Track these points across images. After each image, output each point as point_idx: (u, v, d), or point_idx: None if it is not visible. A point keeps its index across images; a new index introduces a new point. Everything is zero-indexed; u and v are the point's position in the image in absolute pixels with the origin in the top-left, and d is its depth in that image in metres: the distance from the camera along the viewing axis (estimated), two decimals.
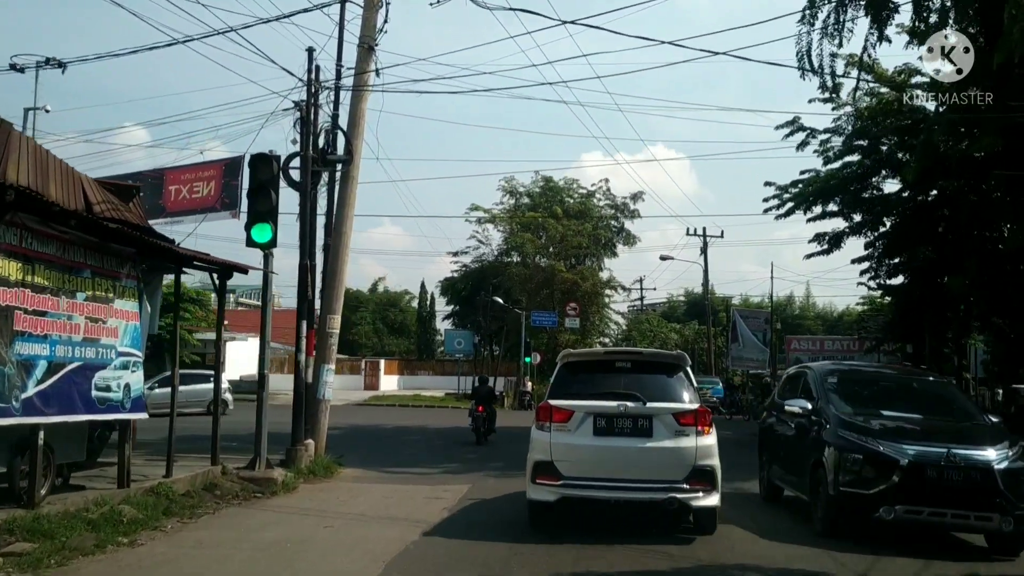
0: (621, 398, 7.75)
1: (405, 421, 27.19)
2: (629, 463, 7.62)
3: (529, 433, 8.38)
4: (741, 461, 13.32)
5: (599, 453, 7.69)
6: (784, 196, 29.34)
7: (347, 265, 14.28)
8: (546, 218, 49.87)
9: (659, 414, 7.64)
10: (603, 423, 7.69)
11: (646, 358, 8.80)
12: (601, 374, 8.39)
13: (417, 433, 23.00)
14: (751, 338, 40.97)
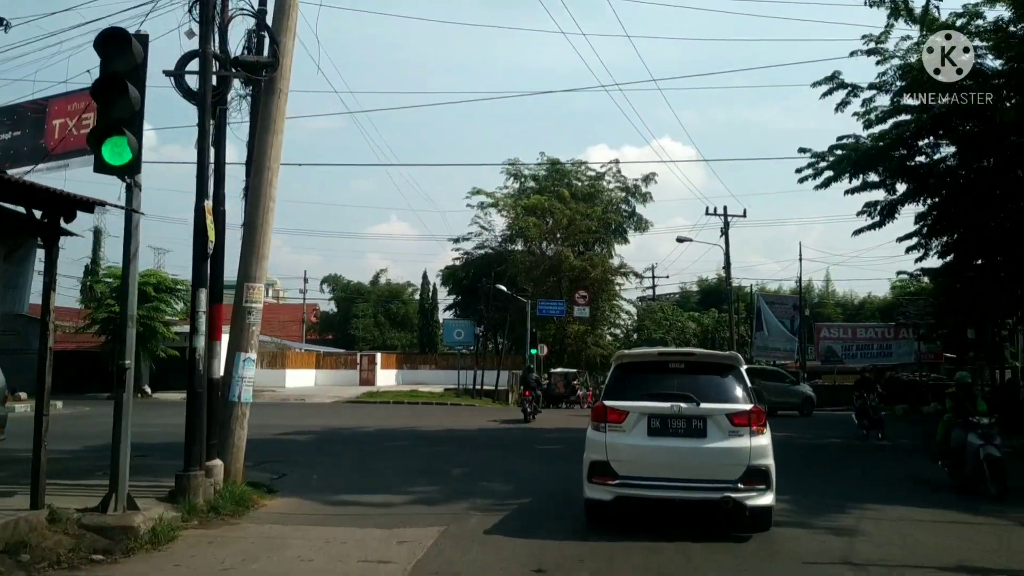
0: (675, 399, 7.64)
1: (393, 421, 22.91)
2: (684, 463, 7.54)
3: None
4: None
5: (654, 453, 7.61)
6: (819, 165, 25.23)
7: (273, 214, 9.94)
8: (552, 201, 45.51)
9: (713, 415, 7.55)
10: (657, 423, 7.65)
11: (699, 359, 8.53)
12: (655, 375, 8.26)
13: (402, 437, 18.71)
14: (777, 326, 36.54)
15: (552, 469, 13.39)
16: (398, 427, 21.15)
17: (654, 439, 7.58)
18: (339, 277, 71.62)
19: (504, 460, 14.65)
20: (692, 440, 7.50)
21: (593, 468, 7.74)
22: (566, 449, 16.73)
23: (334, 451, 15.65)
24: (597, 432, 7.84)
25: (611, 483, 7.58)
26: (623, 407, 7.74)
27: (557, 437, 19.12)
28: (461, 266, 48.05)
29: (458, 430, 20.53)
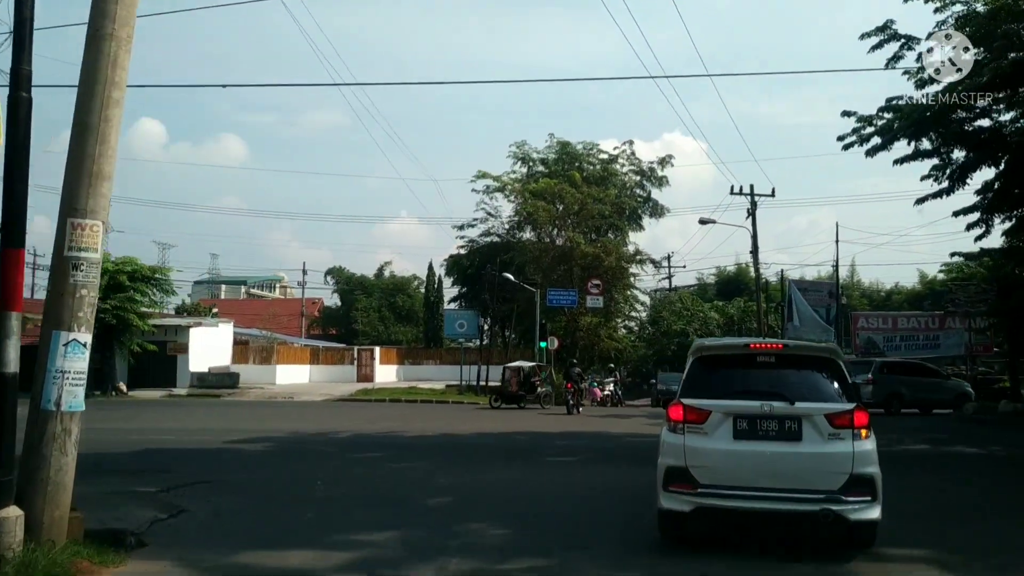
0: (765, 397, 6.63)
1: (378, 424, 19.14)
2: (776, 470, 6.52)
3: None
4: None
5: (740, 459, 6.57)
6: (866, 131, 21.72)
7: (120, 110, 6.12)
8: (562, 185, 41.58)
9: (810, 415, 6.57)
10: (744, 425, 6.62)
11: (793, 351, 7.30)
12: (741, 369, 7.13)
13: (379, 446, 14.92)
14: (811, 315, 32.55)
15: (571, 492, 9.78)
16: (380, 432, 17.36)
17: (741, 443, 6.65)
18: (343, 269, 67.86)
19: (504, 479, 10.84)
20: (785, 444, 6.59)
21: (669, 475, 6.76)
22: (583, 460, 12.91)
23: (278, 469, 11.85)
24: (674, 434, 6.87)
25: (690, 492, 6.63)
26: (704, 406, 6.78)
27: (569, 445, 15.29)
28: (466, 255, 44.19)
29: (452, 435, 16.75)
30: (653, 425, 19.58)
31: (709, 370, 7.21)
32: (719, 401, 6.78)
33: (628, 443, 15.69)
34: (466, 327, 35.67)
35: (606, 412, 25.51)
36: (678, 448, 6.71)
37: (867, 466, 6.51)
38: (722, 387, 6.97)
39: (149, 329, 32.49)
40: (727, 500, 6.57)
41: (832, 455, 6.50)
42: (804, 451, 6.55)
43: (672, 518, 6.83)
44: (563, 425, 19.16)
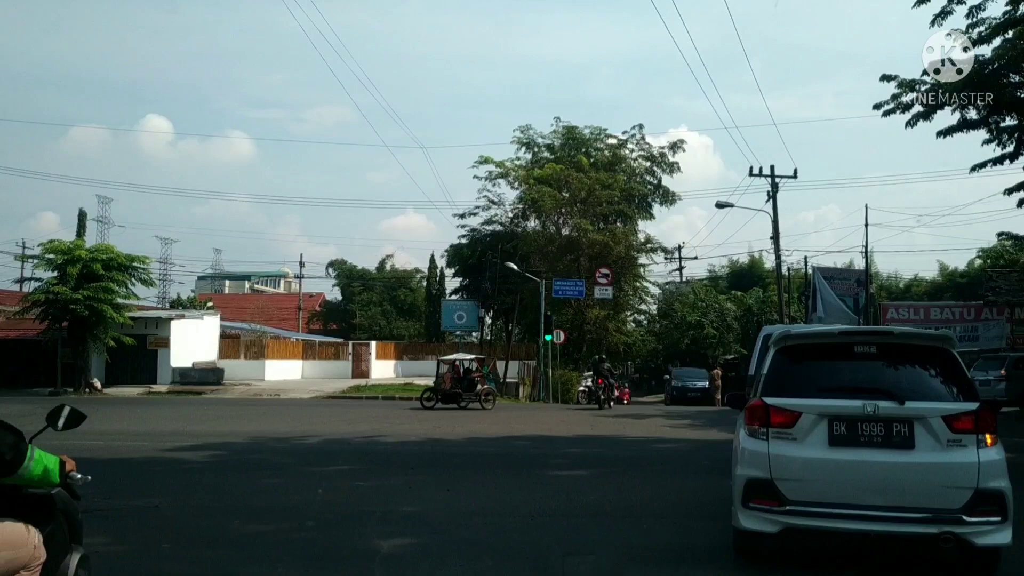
0: (867, 395, 5.47)
1: (358, 426, 16.47)
2: (882, 484, 5.36)
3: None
4: None
5: (838, 470, 5.42)
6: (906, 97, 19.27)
7: None
8: (569, 171, 38.80)
9: (923, 417, 5.41)
10: (843, 429, 5.47)
11: (899, 339, 5.99)
12: (836, 362, 5.94)
13: (346, 456, 12.22)
14: (837, 304, 29.69)
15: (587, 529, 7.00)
16: (358, 435, 14.66)
17: (838, 450, 5.42)
18: (345, 262, 65.12)
19: (496, 503, 8.14)
20: (894, 452, 5.38)
21: (751, 489, 5.50)
22: (597, 474, 10.16)
23: (206, 490, 9.15)
24: (755, 440, 5.60)
25: (777, 510, 5.39)
26: (792, 406, 5.53)
27: (579, 454, 12.56)
28: (467, 244, 41.42)
29: (441, 440, 14.05)
30: (674, 427, 16.79)
31: (796, 363, 5.96)
32: (811, 400, 5.60)
33: (652, 451, 12.96)
34: (465, 319, 32.89)
35: (617, 412, 22.73)
36: (761, 457, 5.57)
37: (995, 479, 5.44)
38: (813, 383, 5.78)
39: (126, 322, 29.88)
40: (822, 520, 5.47)
41: (953, 466, 5.42)
42: (918, 461, 5.47)
43: (752, 539, 5.72)
44: (570, 427, 16.43)
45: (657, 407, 28.10)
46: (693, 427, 16.83)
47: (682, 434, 15.35)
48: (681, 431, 15.94)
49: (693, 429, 16.39)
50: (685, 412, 22.14)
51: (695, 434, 15.42)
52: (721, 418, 19.93)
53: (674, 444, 13.57)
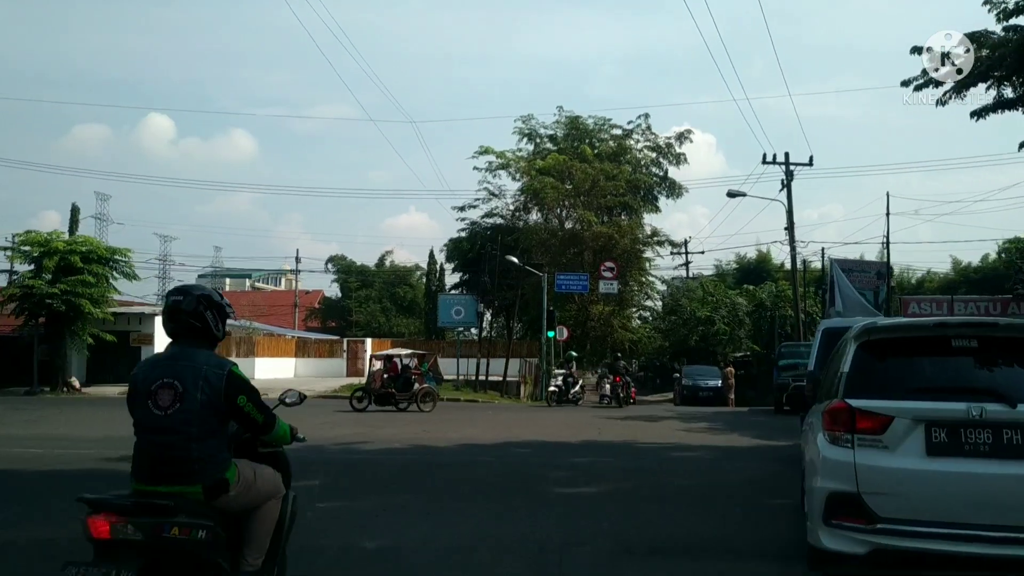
0: (971, 396, 4.68)
1: (337, 431, 14.67)
2: (991, 500, 4.56)
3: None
4: None
5: (939, 483, 4.60)
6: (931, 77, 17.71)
7: None
8: (572, 162, 37.05)
9: None
10: (943, 436, 4.67)
11: (1005, 332, 5.16)
12: (931, 358, 5.12)
13: (322, 465, 10.41)
14: (856, 298, 27.80)
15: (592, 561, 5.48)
16: (335, 442, 12.84)
17: (938, 460, 4.63)
18: (344, 258, 63.32)
19: (480, 542, 6.30)
20: (1005, 463, 4.59)
21: (834, 504, 4.72)
22: (612, 495, 8.31)
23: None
24: (838, 447, 4.82)
25: (866, 528, 4.60)
26: (882, 409, 4.75)
27: (588, 464, 10.75)
28: (467, 237, 39.69)
29: (429, 447, 12.28)
30: (691, 431, 14.97)
31: (883, 359, 5.20)
32: (904, 403, 4.82)
33: (672, 462, 11.15)
34: (463, 314, 31.02)
35: (626, 414, 20.95)
36: (846, 467, 4.77)
37: None
38: (904, 383, 5.06)
39: (106, 317, 28.13)
40: (919, 541, 4.64)
41: None
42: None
43: (834, 561, 4.87)
44: (575, 432, 14.64)
45: (666, 407, 26.28)
46: (712, 431, 15.04)
47: (701, 439, 13.57)
48: (699, 436, 14.16)
49: (713, 434, 14.61)
50: (699, 413, 20.36)
51: (716, 439, 13.64)
52: (739, 420, 18.15)
53: (695, 452, 11.79)
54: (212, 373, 3.40)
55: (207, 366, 3.42)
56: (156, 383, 3.38)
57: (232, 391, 3.43)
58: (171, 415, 3.33)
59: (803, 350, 19.14)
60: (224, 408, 3.42)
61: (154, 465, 3.34)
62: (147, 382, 3.40)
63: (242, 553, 3.52)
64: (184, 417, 3.32)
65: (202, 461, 3.35)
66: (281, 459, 4.01)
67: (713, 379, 29.82)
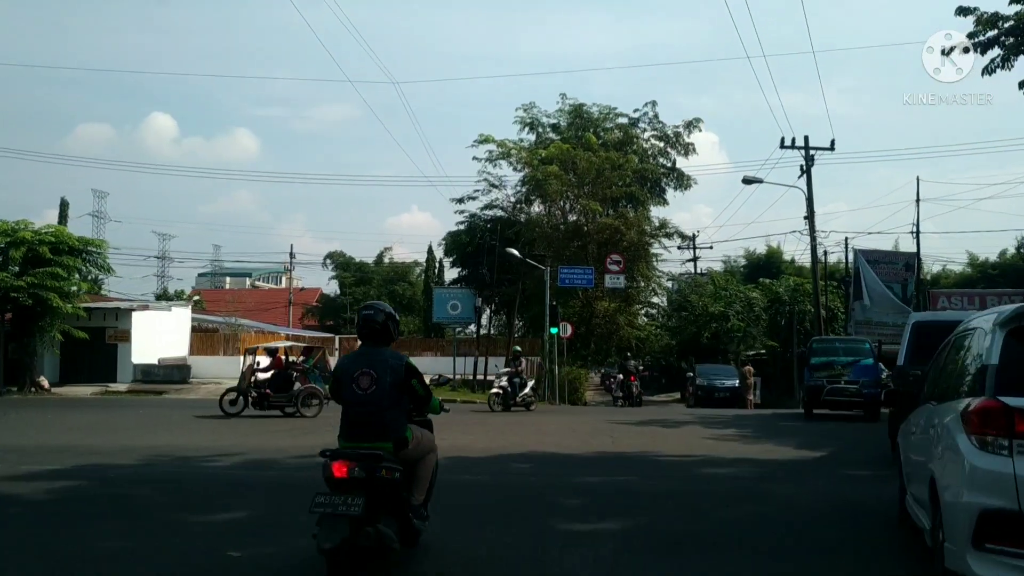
0: None
1: (303, 440, 12.42)
2: None
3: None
4: None
5: None
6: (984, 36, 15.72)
7: None
8: (577, 151, 34.74)
9: None
10: None
11: None
12: None
13: (263, 490, 8.19)
14: (883, 293, 25.61)
15: None
16: (293, 454, 10.57)
17: None
18: (343, 254, 61.12)
19: None
20: None
21: (989, 524, 3.81)
22: (634, 532, 5.86)
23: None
24: (991, 455, 3.94)
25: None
26: None
27: (598, 486, 8.46)
28: (466, 230, 37.38)
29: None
30: (718, 439, 12.69)
31: None
32: None
33: (706, 481, 8.87)
34: (460, 309, 28.69)
35: (640, 417, 18.71)
36: (1004, 480, 3.80)
37: None
38: None
39: (77, 312, 25.96)
40: None
41: None
42: None
43: None
44: (584, 440, 12.39)
45: (681, 410, 23.99)
46: (743, 439, 12.78)
47: (733, 450, 11.31)
48: (730, 445, 11.89)
49: (744, 442, 12.34)
50: (720, 417, 18.03)
51: (751, 450, 11.37)
52: (769, 425, 15.88)
53: (732, 468, 9.54)
54: (395, 363, 4.83)
55: (391, 359, 4.84)
56: (357, 372, 4.79)
57: (408, 375, 4.82)
58: (370, 394, 4.72)
59: (839, 346, 16.99)
60: (403, 387, 4.79)
61: (359, 428, 4.74)
62: (349, 372, 4.81)
63: (410, 491, 4.87)
64: (379, 394, 4.72)
65: (391, 425, 4.74)
66: (429, 425, 5.35)
67: (730, 379, 27.50)
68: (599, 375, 57.10)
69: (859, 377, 16.21)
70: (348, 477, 4.36)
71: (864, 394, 15.78)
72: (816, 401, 16.37)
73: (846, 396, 15.86)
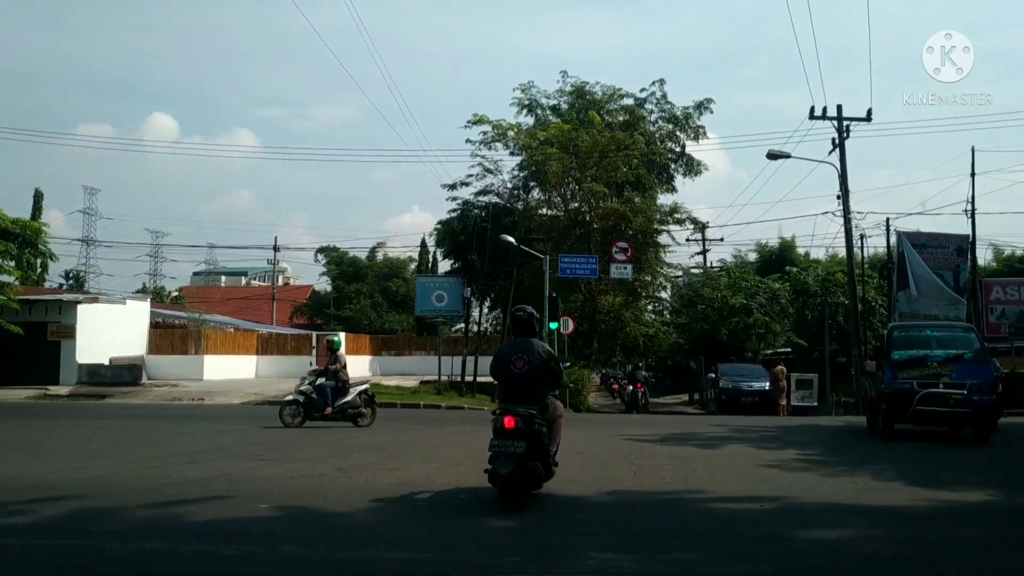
0: None
1: (234, 462, 8.58)
2: None
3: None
4: None
5: None
6: None
7: None
8: (579, 133, 30.92)
9: None
10: None
11: None
12: None
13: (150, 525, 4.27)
14: (931, 280, 21.67)
15: None
16: (196, 497, 6.74)
17: None
18: (336, 248, 57.07)
19: None
20: None
21: None
22: None
23: None
24: None
25: None
26: None
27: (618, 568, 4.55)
28: (458, 218, 33.55)
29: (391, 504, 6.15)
30: (787, 468, 8.61)
31: None
32: None
33: (821, 555, 5.01)
34: (446, 301, 24.70)
35: (664, 430, 14.87)
36: None
37: None
38: None
39: (13, 306, 22.15)
40: None
41: None
42: None
43: None
44: (595, 470, 8.54)
45: (709, 421, 20.06)
46: (815, 467, 8.88)
47: (813, 487, 7.43)
48: (803, 478, 7.98)
49: (822, 473, 8.41)
50: (759, 429, 14.05)
51: (841, 487, 7.48)
52: (832, 442, 11.98)
53: (840, 528, 5.71)
54: (542, 350, 6.74)
55: (538, 347, 6.73)
56: (514, 356, 6.65)
57: (549, 359, 6.74)
58: (524, 372, 6.58)
59: (933, 336, 12.39)
60: (545, 367, 6.64)
61: (516, 395, 6.52)
62: (508, 356, 6.67)
63: (549, 442, 6.55)
64: (530, 372, 6.57)
65: (538, 394, 6.55)
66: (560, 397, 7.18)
67: (759, 380, 23.51)
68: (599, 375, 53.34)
69: (965, 378, 11.12)
70: (515, 428, 6.19)
71: (975, 403, 10.91)
72: (902, 412, 11.29)
73: (948, 406, 10.98)
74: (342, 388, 13.37)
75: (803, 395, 23.02)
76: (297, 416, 13.16)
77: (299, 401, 13.25)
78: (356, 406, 13.29)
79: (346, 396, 13.30)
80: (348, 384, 13.52)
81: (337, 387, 13.34)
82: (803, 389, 23.12)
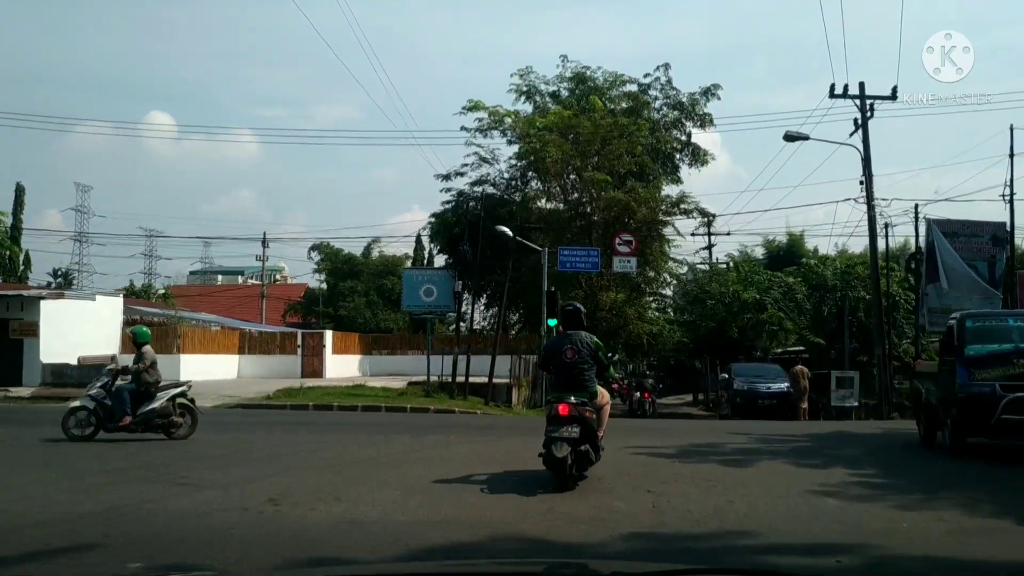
0: None
1: (163, 485, 6.67)
2: None
3: None
4: None
5: None
6: None
7: None
8: (580, 119, 29.04)
9: None
10: None
11: None
12: None
13: None
14: (964, 272, 19.77)
15: None
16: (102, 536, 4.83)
17: None
18: (329, 245, 55.15)
19: None
20: None
21: None
22: None
23: None
24: None
25: None
26: None
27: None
28: (452, 210, 31.65)
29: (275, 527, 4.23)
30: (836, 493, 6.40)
31: None
32: None
33: None
34: (436, 295, 22.67)
35: (679, 440, 12.97)
36: None
37: None
38: None
39: None
40: None
41: None
42: None
43: None
44: (598, 495, 6.68)
45: (713, 424, 18.13)
46: (887, 491, 6.95)
47: (891, 523, 5.57)
48: (873, 511, 6.05)
49: (906, 502, 6.45)
50: (786, 436, 12.13)
51: (950, 533, 5.55)
52: (883, 455, 10.08)
53: None
54: (590, 341, 7.25)
55: (586, 338, 7.25)
56: (565, 347, 7.20)
57: (597, 350, 7.25)
58: (574, 361, 7.14)
59: (1016, 326, 10.16)
60: (594, 357, 7.19)
61: (567, 384, 7.10)
62: (559, 347, 7.26)
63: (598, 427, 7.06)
64: (580, 362, 7.13)
65: (587, 382, 7.13)
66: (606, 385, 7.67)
67: (777, 382, 21.46)
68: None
69: None
70: (569, 414, 6.74)
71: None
72: (982, 422, 9.08)
73: None
74: (146, 392, 10.66)
75: (844, 395, 20.77)
76: (88, 427, 10.49)
77: (89, 408, 10.54)
78: (166, 415, 10.68)
79: (152, 402, 10.61)
80: (156, 387, 10.80)
81: (140, 391, 10.63)
82: (843, 388, 20.90)
